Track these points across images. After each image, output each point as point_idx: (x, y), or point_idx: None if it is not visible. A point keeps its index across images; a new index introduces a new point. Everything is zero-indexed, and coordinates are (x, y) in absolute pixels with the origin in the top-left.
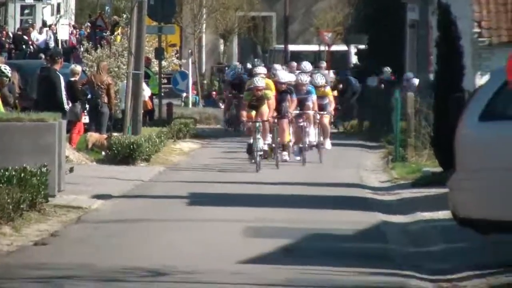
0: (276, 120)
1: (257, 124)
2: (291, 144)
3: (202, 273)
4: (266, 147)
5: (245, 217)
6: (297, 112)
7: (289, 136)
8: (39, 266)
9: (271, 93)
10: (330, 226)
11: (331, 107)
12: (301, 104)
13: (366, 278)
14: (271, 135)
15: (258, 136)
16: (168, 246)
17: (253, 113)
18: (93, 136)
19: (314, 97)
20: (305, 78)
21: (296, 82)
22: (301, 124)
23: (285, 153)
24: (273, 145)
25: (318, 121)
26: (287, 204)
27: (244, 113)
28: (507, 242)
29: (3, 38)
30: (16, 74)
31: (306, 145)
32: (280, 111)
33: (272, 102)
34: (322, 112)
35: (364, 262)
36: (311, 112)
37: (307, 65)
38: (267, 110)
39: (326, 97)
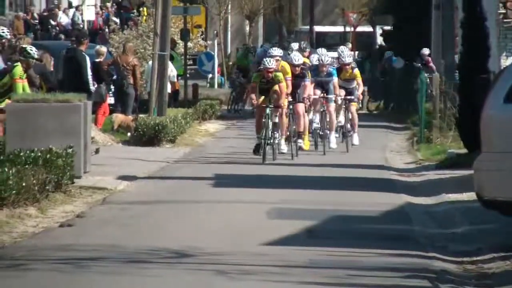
0: (291, 106)
1: (267, 110)
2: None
3: (226, 255)
4: (284, 147)
5: (269, 199)
6: (316, 96)
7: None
8: (64, 248)
9: (282, 76)
10: (354, 208)
11: (359, 91)
12: (322, 88)
13: (390, 259)
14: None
15: (268, 123)
16: (193, 227)
17: (263, 98)
18: (118, 117)
19: (335, 79)
20: (327, 59)
21: (317, 63)
22: (321, 110)
23: (300, 140)
24: (287, 133)
25: (344, 107)
26: (311, 186)
27: (253, 96)
28: None
29: (29, 19)
30: (48, 56)
31: (325, 131)
32: (294, 97)
33: (284, 85)
34: (349, 97)
35: (388, 244)
36: (331, 97)
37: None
38: (279, 94)
39: (354, 80)
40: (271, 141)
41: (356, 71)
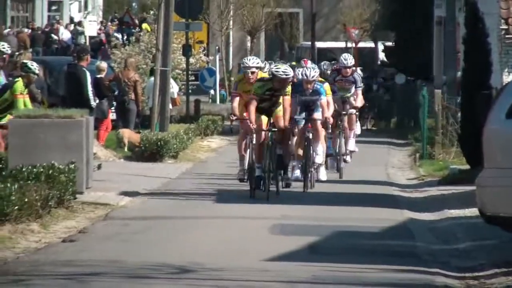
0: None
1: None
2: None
3: (228, 270)
4: (298, 172)
5: (271, 215)
6: (300, 118)
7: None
8: (67, 263)
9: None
10: (357, 224)
11: (357, 102)
12: (307, 109)
13: (393, 275)
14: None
15: (272, 151)
16: (195, 243)
17: (263, 119)
18: (126, 132)
19: (324, 99)
20: (312, 74)
21: (302, 77)
22: (307, 135)
23: (322, 168)
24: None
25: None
26: (313, 202)
27: (252, 115)
28: None
29: (37, 31)
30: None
31: (313, 165)
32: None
33: (289, 99)
34: (350, 110)
35: (390, 259)
36: (318, 117)
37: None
38: (282, 112)
39: (352, 86)
40: (275, 174)
41: (357, 76)
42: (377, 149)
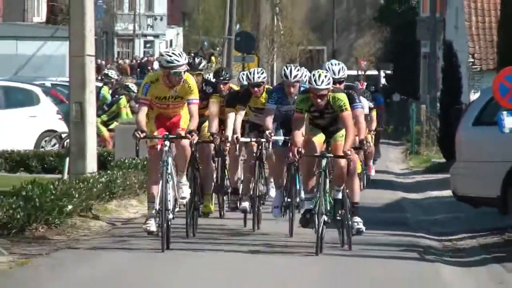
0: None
1: (324, 161)
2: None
3: None
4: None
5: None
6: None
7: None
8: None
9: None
10: (364, 201)
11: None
12: (285, 125)
13: (390, 238)
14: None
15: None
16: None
17: (320, 137)
18: None
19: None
20: (294, 73)
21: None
22: (287, 159)
23: (358, 219)
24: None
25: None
26: None
27: (298, 137)
28: (492, 212)
29: (134, 64)
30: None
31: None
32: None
33: (350, 114)
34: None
35: (388, 227)
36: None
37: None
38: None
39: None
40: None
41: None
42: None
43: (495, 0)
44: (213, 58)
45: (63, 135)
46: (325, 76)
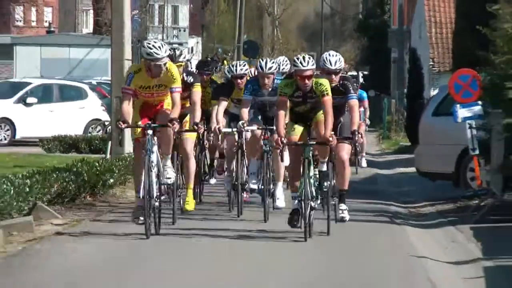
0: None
1: (307, 150)
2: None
3: None
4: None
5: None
6: (255, 128)
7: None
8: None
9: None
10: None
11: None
12: (264, 114)
13: (366, 205)
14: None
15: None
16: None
17: (297, 129)
18: None
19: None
20: (269, 65)
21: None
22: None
23: (344, 206)
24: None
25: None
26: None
27: (280, 128)
28: (447, 185)
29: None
30: None
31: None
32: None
33: (330, 99)
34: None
35: (364, 196)
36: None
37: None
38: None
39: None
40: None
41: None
42: None
43: (451, 15)
44: (225, 61)
45: (106, 123)
46: (309, 58)
